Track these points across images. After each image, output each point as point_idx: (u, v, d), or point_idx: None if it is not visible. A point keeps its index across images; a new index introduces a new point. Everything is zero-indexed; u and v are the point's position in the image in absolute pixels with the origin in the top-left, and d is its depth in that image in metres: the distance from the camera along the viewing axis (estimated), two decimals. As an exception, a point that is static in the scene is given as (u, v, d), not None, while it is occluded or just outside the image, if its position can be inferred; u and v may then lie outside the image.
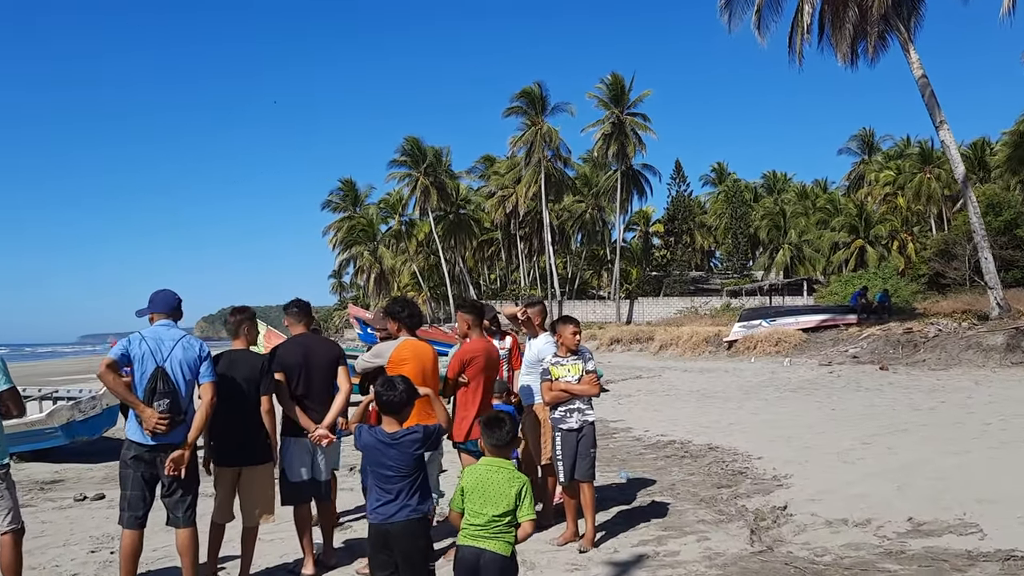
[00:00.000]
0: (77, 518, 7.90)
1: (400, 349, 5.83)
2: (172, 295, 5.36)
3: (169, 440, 4.96)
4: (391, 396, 4.25)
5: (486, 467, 4.04)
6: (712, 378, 21.49)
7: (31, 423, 11.54)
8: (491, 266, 79.14)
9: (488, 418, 4.26)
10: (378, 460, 4.14)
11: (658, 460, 10.18)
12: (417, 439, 4.19)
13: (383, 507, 4.08)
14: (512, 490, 3.92)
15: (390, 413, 4.25)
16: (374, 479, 4.14)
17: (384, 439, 4.18)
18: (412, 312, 6.09)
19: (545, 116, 59.81)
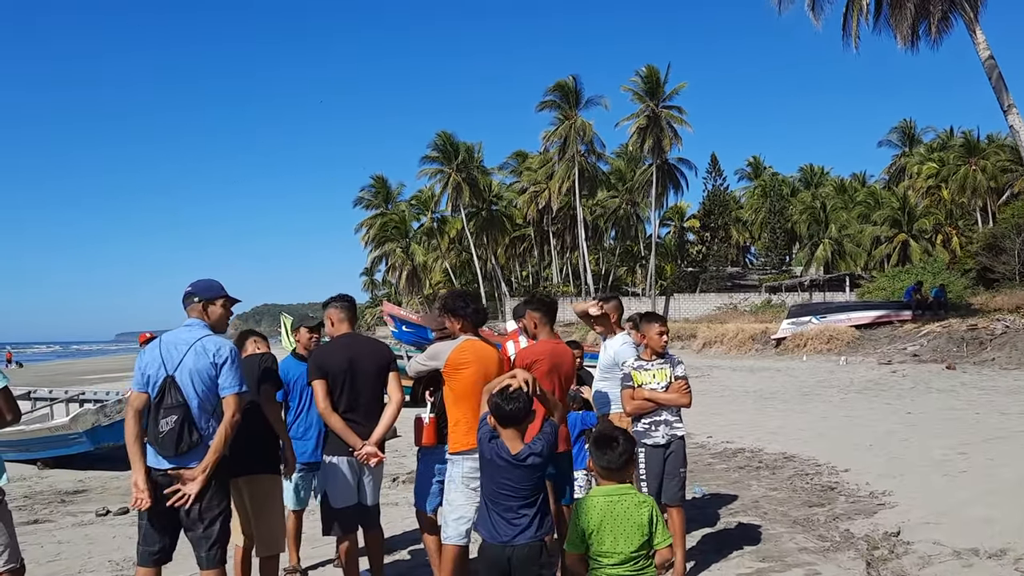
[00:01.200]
0: (97, 537, 7.15)
1: (460, 351, 4.95)
2: (206, 284, 4.44)
3: (190, 464, 4.12)
4: (513, 408, 3.70)
5: (605, 497, 3.46)
6: (765, 378, 20.43)
7: (54, 428, 10.93)
8: (523, 263, 78.19)
9: (598, 436, 3.63)
10: (498, 479, 3.68)
11: (730, 471, 9.25)
12: (539, 462, 3.70)
13: (503, 528, 3.66)
14: (644, 517, 3.42)
15: (511, 426, 3.71)
16: (489, 496, 3.73)
17: (507, 458, 3.63)
18: (477, 307, 5.19)
19: (579, 110, 58.74)
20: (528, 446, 3.67)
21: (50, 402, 13.61)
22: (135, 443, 4.10)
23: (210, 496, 4.18)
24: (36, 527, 7.59)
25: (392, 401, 5.00)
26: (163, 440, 4.05)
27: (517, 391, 3.75)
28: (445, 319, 5.24)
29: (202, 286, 4.39)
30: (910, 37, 22.14)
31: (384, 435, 4.96)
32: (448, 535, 4.82)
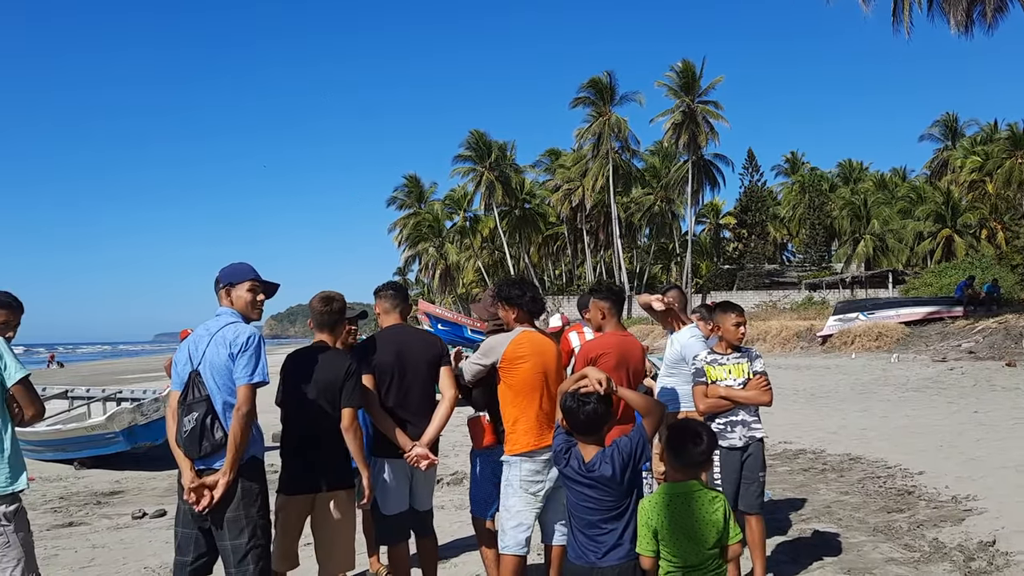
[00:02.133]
0: (133, 541, 6.83)
1: (516, 344, 4.52)
2: (231, 268, 4.06)
3: (215, 466, 3.73)
4: (588, 413, 3.26)
5: (679, 496, 3.19)
6: (815, 376, 19.78)
7: (91, 427, 10.70)
8: (556, 261, 77.63)
9: (678, 430, 3.28)
10: (576, 492, 3.29)
11: (794, 474, 8.73)
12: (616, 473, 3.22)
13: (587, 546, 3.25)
14: (718, 514, 3.19)
15: (589, 433, 3.29)
16: (571, 508, 3.36)
17: (578, 468, 3.24)
18: (535, 296, 4.73)
19: (613, 106, 58.10)
20: (600, 453, 3.24)
21: (87, 401, 13.43)
22: (176, 445, 3.77)
23: (237, 503, 3.73)
24: (71, 530, 7.30)
25: (445, 398, 4.58)
26: (186, 439, 3.72)
27: (590, 393, 3.30)
28: (499, 308, 4.82)
29: (227, 270, 4.04)
30: (964, 22, 21.28)
31: (436, 435, 4.55)
32: (506, 544, 4.41)
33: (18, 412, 3.73)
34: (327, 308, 4.36)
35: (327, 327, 4.36)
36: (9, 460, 3.68)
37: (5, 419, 3.70)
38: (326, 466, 4.12)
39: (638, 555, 3.17)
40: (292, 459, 4.18)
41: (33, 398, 3.76)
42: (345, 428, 4.06)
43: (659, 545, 3.11)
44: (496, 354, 4.54)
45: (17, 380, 3.66)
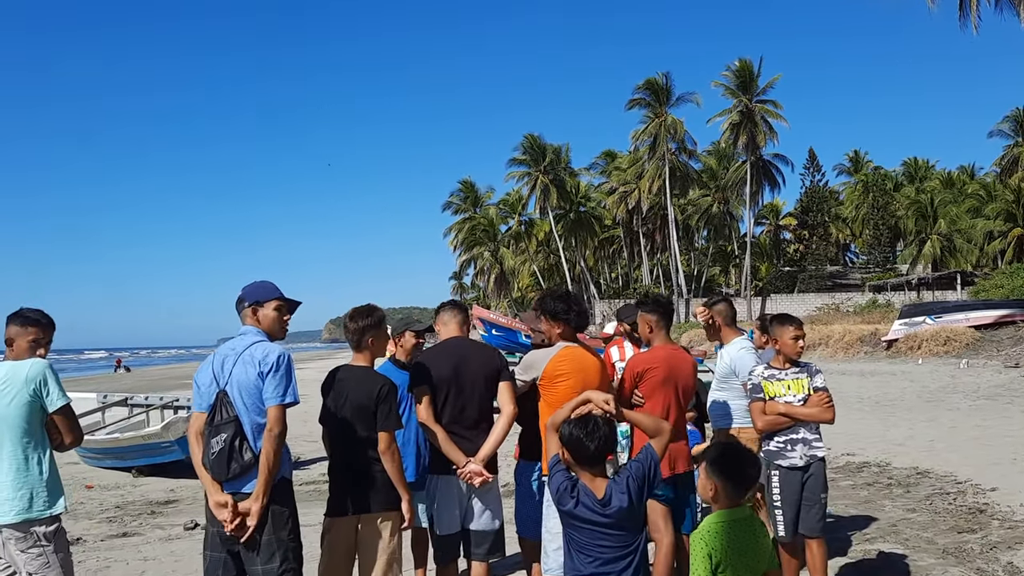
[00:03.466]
0: (183, 554, 6.83)
1: (558, 360, 4.37)
2: (256, 287, 3.97)
3: (244, 489, 3.62)
4: (598, 444, 2.98)
5: (739, 523, 2.98)
6: (880, 382, 19.16)
7: (148, 436, 10.83)
8: (612, 264, 77.16)
9: (733, 452, 3.09)
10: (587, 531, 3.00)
11: (857, 488, 8.38)
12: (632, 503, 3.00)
13: None
14: (768, 538, 3.07)
15: (596, 464, 3.03)
16: (579, 548, 3.04)
17: (592, 506, 2.95)
18: (580, 310, 4.57)
19: (669, 107, 57.52)
20: (612, 484, 3.00)
21: (146, 409, 13.65)
22: (202, 467, 3.68)
23: (267, 526, 3.63)
24: (124, 541, 7.36)
25: (504, 413, 4.42)
26: (214, 461, 3.62)
27: (598, 421, 3.05)
28: (543, 322, 4.67)
29: (251, 289, 3.95)
30: (1035, 13, 20.46)
31: (492, 452, 4.40)
32: (549, 567, 4.26)
33: (57, 438, 3.75)
34: (353, 325, 4.19)
35: (354, 346, 4.22)
36: (47, 484, 3.69)
37: (45, 444, 3.73)
38: (370, 488, 4.01)
39: None
40: (337, 481, 4.10)
41: (72, 426, 3.79)
42: (382, 451, 3.95)
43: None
44: (536, 370, 4.41)
45: (58, 408, 3.68)
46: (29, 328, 3.76)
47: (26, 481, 3.61)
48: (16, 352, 3.75)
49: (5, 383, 3.63)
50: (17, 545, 3.62)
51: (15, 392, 3.61)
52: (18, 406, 3.61)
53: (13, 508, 3.58)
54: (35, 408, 3.64)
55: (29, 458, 3.65)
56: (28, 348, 3.75)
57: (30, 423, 3.65)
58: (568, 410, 3.15)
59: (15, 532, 3.60)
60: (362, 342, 4.14)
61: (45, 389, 3.66)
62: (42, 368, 3.66)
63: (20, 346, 3.74)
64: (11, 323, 3.78)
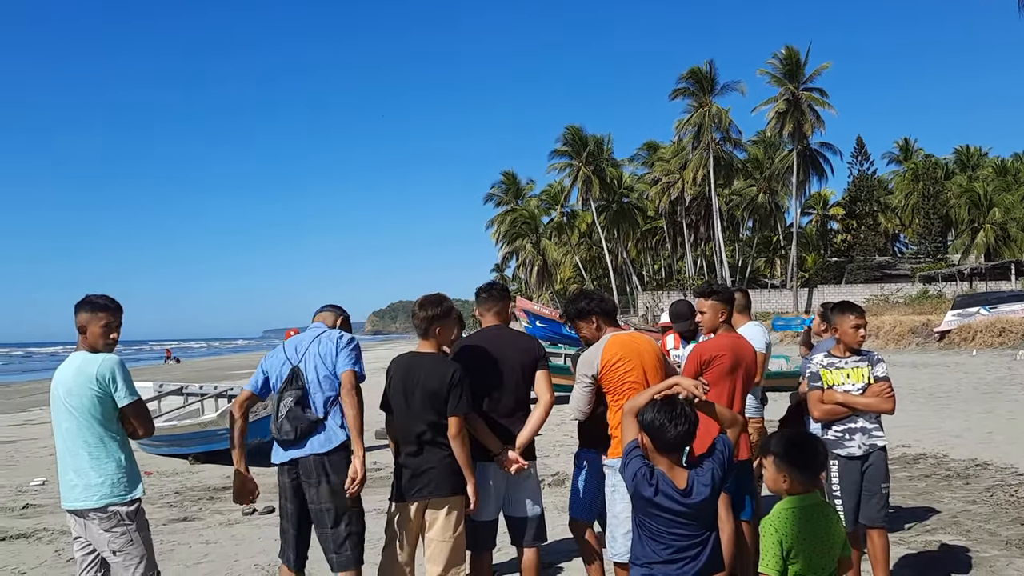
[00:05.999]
0: (244, 537, 7.00)
1: (608, 349, 4.35)
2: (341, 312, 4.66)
3: (304, 452, 4.06)
4: (681, 430, 2.94)
5: (810, 509, 2.97)
6: (933, 374, 18.80)
7: (204, 424, 11.07)
8: (655, 256, 76.63)
9: (799, 438, 3.10)
10: (662, 519, 2.97)
11: (914, 480, 8.25)
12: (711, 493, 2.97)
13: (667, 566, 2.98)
14: (840, 526, 3.06)
15: (675, 451, 2.99)
16: (652, 535, 3.01)
17: (673, 494, 2.91)
18: (599, 297, 4.64)
19: (713, 96, 56.94)
20: (695, 475, 2.97)
21: (200, 398, 13.92)
22: (238, 436, 4.27)
23: (332, 494, 4.04)
24: (185, 525, 7.55)
25: (541, 401, 4.42)
26: (282, 423, 4.06)
27: (684, 407, 3.01)
28: (578, 328, 4.70)
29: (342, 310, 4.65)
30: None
31: (529, 439, 4.41)
32: (617, 551, 4.27)
33: (131, 427, 3.93)
34: (422, 313, 4.29)
35: (421, 334, 4.31)
36: (126, 470, 3.87)
37: (122, 433, 3.91)
38: (438, 473, 4.09)
39: None
40: (402, 467, 4.18)
41: (142, 420, 3.96)
42: (452, 436, 4.04)
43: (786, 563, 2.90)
44: (593, 367, 4.38)
45: (127, 404, 3.84)
46: (99, 313, 3.88)
47: (106, 468, 3.78)
48: (91, 339, 3.87)
49: (78, 376, 3.78)
50: (101, 526, 3.79)
51: (87, 386, 3.76)
52: (91, 399, 3.76)
53: (96, 493, 3.76)
54: (107, 402, 3.79)
55: (107, 447, 3.81)
56: (101, 333, 3.87)
57: (104, 415, 3.80)
58: (649, 395, 3.10)
59: (99, 514, 3.78)
60: (429, 330, 4.24)
61: (114, 386, 3.80)
62: (111, 365, 3.79)
63: (94, 332, 3.86)
64: (81, 310, 3.90)
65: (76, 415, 3.78)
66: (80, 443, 3.78)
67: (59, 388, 3.83)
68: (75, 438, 3.79)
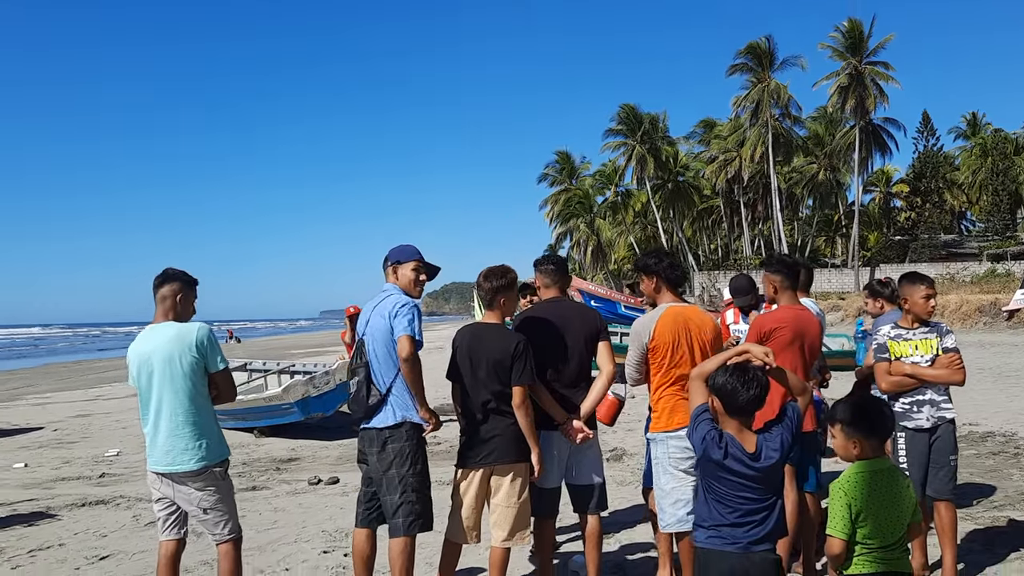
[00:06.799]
0: (311, 506, 7.20)
1: (662, 321, 4.33)
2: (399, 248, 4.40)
3: (369, 424, 4.20)
4: (752, 394, 2.96)
5: (881, 474, 2.98)
6: (1000, 354, 18.31)
7: (269, 398, 11.37)
8: (712, 235, 75.63)
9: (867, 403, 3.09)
10: (728, 481, 2.98)
11: (982, 458, 8.09)
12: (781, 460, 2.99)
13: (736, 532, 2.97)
14: (911, 491, 3.05)
15: (744, 415, 3.01)
16: (718, 498, 3.02)
17: (742, 458, 2.94)
18: (672, 263, 4.53)
19: (772, 72, 55.73)
20: (763, 439, 2.99)
21: (264, 374, 14.28)
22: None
23: (391, 463, 4.13)
24: (254, 494, 7.79)
25: (602, 372, 4.47)
26: (352, 401, 4.25)
27: (756, 371, 3.03)
28: (641, 281, 4.69)
29: (395, 250, 4.39)
30: None
31: (592, 409, 4.46)
32: (666, 523, 4.31)
33: (214, 392, 4.12)
34: (487, 285, 4.35)
35: (486, 304, 4.39)
36: (217, 434, 4.12)
37: (210, 399, 4.11)
38: (500, 441, 4.18)
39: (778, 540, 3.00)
40: (467, 434, 4.27)
41: (229, 386, 4.21)
42: (516, 405, 4.12)
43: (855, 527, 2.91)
44: (646, 335, 4.38)
45: (220, 370, 4.07)
46: (170, 285, 4.09)
47: (201, 432, 4.00)
48: (177, 309, 4.09)
49: (176, 343, 3.96)
50: (194, 485, 4.00)
51: (184, 354, 3.95)
52: (190, 366, 3.96)
53: (193, 456, 3.96)
54: (200, 369, 4.00)
55: (201, 412, 4.02)
56: (187, 304, 4.12)
57: (197, 382, 4.00)
58: (718, 360, 3.13)
59: (195, 476, 3.99)
60: (494, 301, 4.33)
61: (210, 353, 4.03)
62: (207, 333, 4.03)
63: (180, 303, 4.08)
64: (166, 283, 4.10)
65: (174, 382, 3.96)
66: (177, 408, 3.97)
67: (154, 357, 3.98)
68: (171, 404, 3.97)
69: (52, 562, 5.79)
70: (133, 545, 6.13)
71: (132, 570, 5.55)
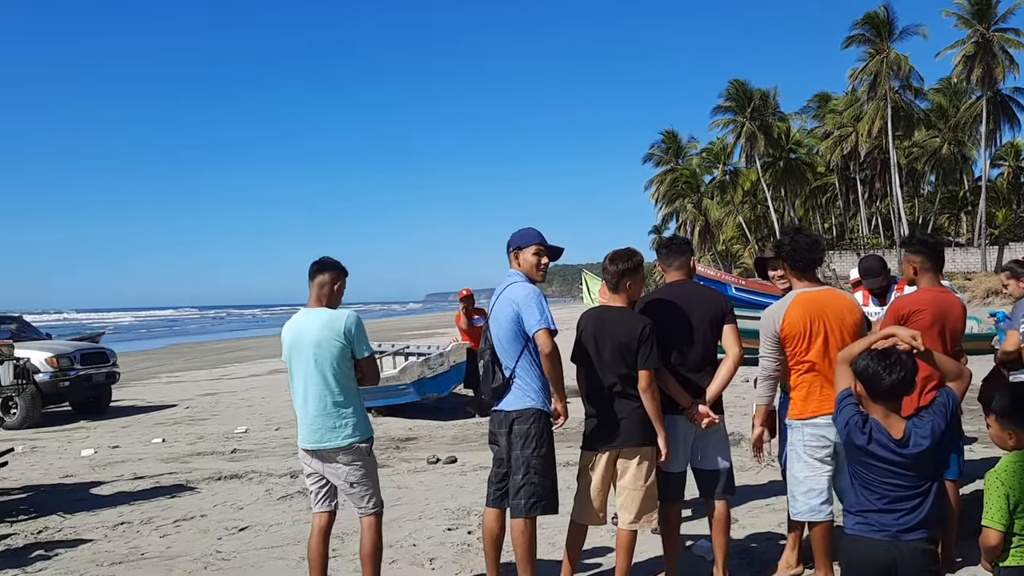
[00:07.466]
0: (431, 484, 7.39)
1: (791, 310, 4.20)
2: (520, 232, 4.41)
3: (497, 406, 4.28)
4: (896, 378, 2.85)
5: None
6: None
7: (386, 379, 11.68)
8: (826, 214, 73.01)
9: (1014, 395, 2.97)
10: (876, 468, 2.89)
11: None
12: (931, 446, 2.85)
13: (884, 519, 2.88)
14: None
15: (890, 400, 2.90)
16: (865, 484, 2.94)
17: (888, 444, 2.84)
18: (796, 246, 4.31)
19: (891, 42, 53.07)
20: (912, 425, 2.87)
21: (379, 355, 14.68)
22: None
23: (516, 444, 4.19)
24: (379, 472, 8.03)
25: (728, 357, 4.39)
26: (481, 383, 4.37)
27: (900, 355, 2.91)
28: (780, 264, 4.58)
29: (517, 235, 4.41)
30: None
31: (718, 393, 4.39)
32: (798, 511, 4.24)
33: (359, 374, 4.32)
34: (612, 268, 4.34)
35: (611, 287, 4.37)
36: (363, 414, 4.33)
37: (355, 382, 4.32)
38: (626, 424, 4.18)
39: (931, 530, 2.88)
40: (592, 417, 4.29)
41: (374, 372, 4.44)
42: (643, 389, 4.11)
43: (1012, 518, 2.79)
44: (775, 324, 4.26)
45: (365, 357, 4.29)
46: (328, 273, 4.32)
47: (348, 412, 4.22)
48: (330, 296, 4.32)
49: (326, 330, 4.19)
50: (342, 461, 4.23)
51: (333, 339, 4.17)
52: (340, 350, 4.18)
53: (341, 434, 4.20)
54: (347, 354, 4.22)
55: (348, 394, 4.23)
56: (338, 291, 4.36)
57: (344, 366, 4.22)
58: (864, 344, 3.04)
59: (344, 452, 4.22)
60: (620, 284, 4.31)
61: (357, 340, 4.24)
62: (354, 321, 4.23)
63: (332, 290, 4.33)
64: (321, 271, 4.34)
65: (324, 365, 4.17)
66: (327, 390, 4.18)
67: (306, 340, 4.21)
68: (322, 386, 4.19)
69: (195, 532, 6.15)
70: (268, 517, 6.45)
71: (268, 541, 5.84)
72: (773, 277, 5.03)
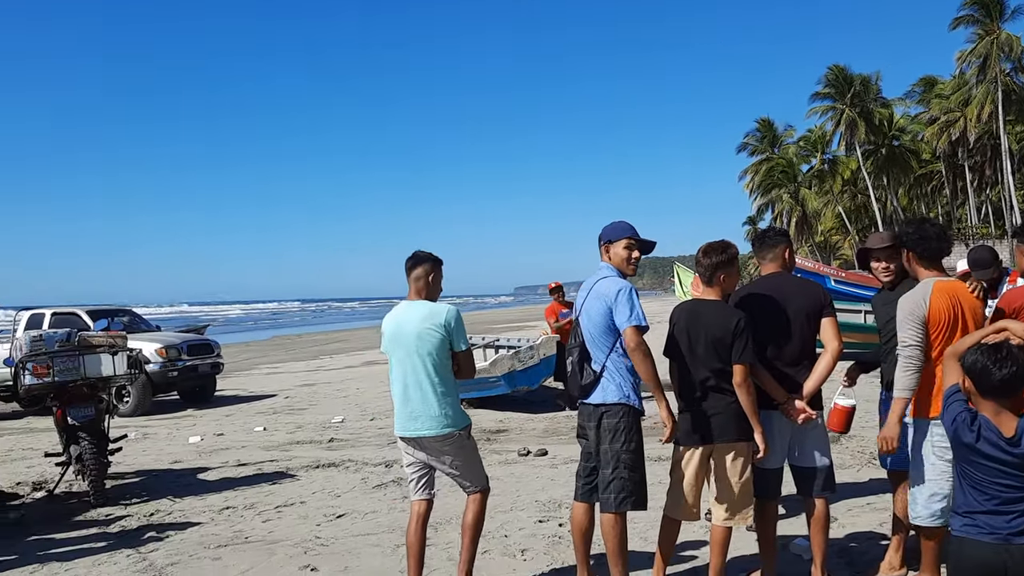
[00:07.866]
0: (522, 476, 7.44)
1: (936, 296, 3.92)
2: (611, 226, 4.36)
3: (587, 399, 4.24)
4: (1007, 373, 2.73)
5: None
6: None
7: (477, 371, 11.81)
8: (931, 203, 69.91)
9: None
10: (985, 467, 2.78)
11: None
12: None
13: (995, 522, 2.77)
14: None
15: (1002, 396, 2.78)
16: (973, 484, 2.85)
17: (998, 442, 2.72)
18: (923, 235, 4.09)
19: (1003, 22, 50.42)
20: None
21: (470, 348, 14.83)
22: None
23: (606, 439, 4.16)
24: (469, 462, 8.15)
25: (827, 351, 4.25)
26: (569, 379, 4.37)
27: (1012, 349, 2.79)
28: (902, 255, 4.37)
29: (608, 228, 4.36)
30: None
31: (815, 388, 4.26)
32: (917, 514, 4.01)
33: (455, 367, 4.44)
34: (706, 261, 4.27)
35: (705, 281, 4.30)
36: (458, 404, 4.47)
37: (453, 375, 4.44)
38: (720, 419, 4.12)
39: None
40: (686, 412, 4.23)
41: (469, 364, 4.52)
42: (738, 384, 4.04)
43: None
44: (923, 308, 3.93)
45: (463, 350, 4.41)
46: (422, 267, 4.44)
47: (448, 402, 4.35)
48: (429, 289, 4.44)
49: (427, 322, 4.30)
50: (443, 448, 4.37)
51: (432, 332, 4.29)
52: (440, 343, 4.30)
53: (442, 423, 4.32)
54: (446, 346, 4.34)
55: (447, 385, 4.36)
56: (436, 284, 4.48)
57: (443, 357, 4.34)
58: (975, 338, 2.94)
59: (445, 439, 4.34)
60: (713, 277, 4.24)
61: (456, 333, 4.36)
62: (454, 314, 4.35)
63: (431, 283, 4.44)
64: (419, 264, 4.45)
65: (424, 357, 4.29)
66: (426, 381, 4.30)
67: (406, 331, 4.34)
68: (422, 377, 4.31)
69: (296, 518, 6.36)
70: (364, 505, 6.62)
71: (365, 528, 5.99)
72: (876, 269, 4.81)
